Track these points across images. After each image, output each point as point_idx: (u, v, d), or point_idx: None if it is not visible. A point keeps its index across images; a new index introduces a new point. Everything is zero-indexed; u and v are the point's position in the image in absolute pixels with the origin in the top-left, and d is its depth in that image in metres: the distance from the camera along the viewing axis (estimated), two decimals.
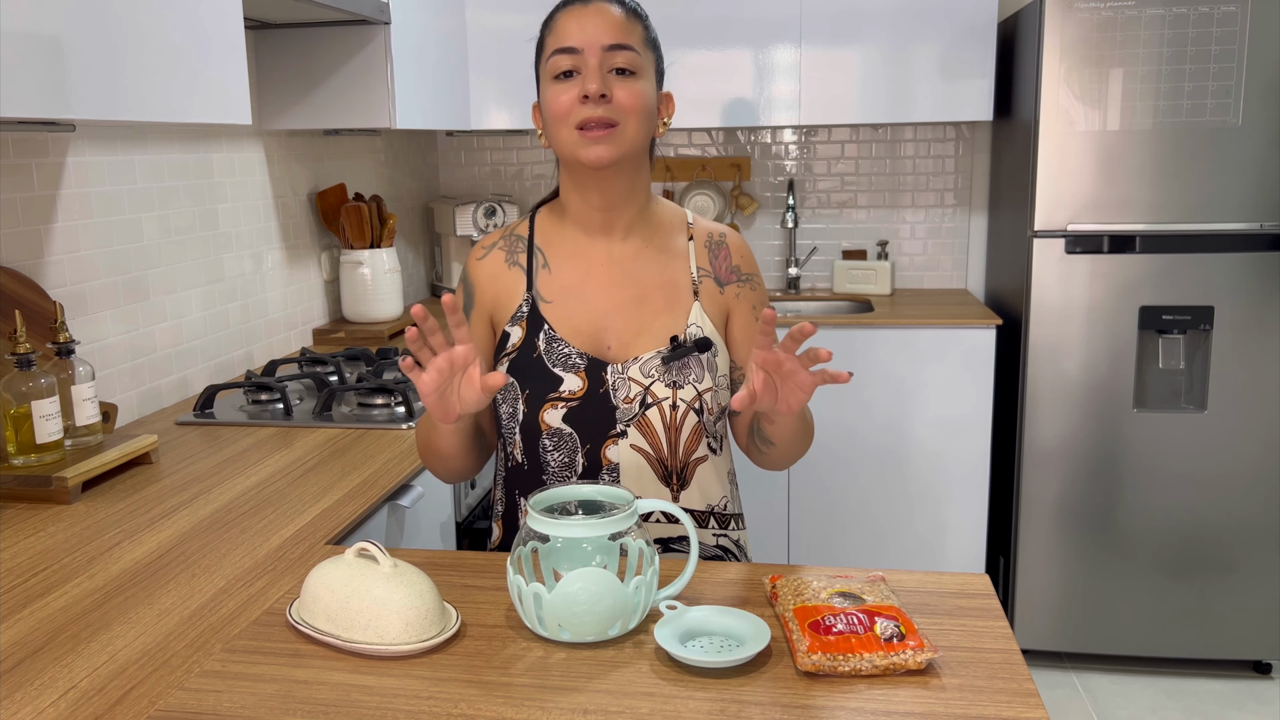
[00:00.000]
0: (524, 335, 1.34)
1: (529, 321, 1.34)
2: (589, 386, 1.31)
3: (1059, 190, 2.71)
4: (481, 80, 3.20)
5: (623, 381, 1.32)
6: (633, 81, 1.27)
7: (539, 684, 0.97)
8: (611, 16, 1.27)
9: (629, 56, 1.27)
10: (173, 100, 1.58)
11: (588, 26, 1.26)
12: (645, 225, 1.38)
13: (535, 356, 1.32)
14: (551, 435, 1.32)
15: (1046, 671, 2.91)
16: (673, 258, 1.38)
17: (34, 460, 1.55)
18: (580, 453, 1.32)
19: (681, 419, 1.32)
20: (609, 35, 1.26)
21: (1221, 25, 2.57)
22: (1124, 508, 2.81)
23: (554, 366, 1.32)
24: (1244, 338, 2.70)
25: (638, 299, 1.35)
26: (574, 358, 1.32)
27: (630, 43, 1.27)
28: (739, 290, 1.39)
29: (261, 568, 1.27)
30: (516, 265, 1.38)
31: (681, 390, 1.31)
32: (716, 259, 1.40)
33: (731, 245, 1.42)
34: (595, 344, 1.33)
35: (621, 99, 1.26)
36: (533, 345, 1.33)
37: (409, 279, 3.44)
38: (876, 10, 3.04)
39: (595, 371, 1.32)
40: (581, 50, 1.26)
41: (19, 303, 1.70)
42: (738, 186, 3.56)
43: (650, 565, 1.06)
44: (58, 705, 0.96)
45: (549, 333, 1.33)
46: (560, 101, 1.27)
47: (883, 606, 1.02)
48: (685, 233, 1.40)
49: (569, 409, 1.31)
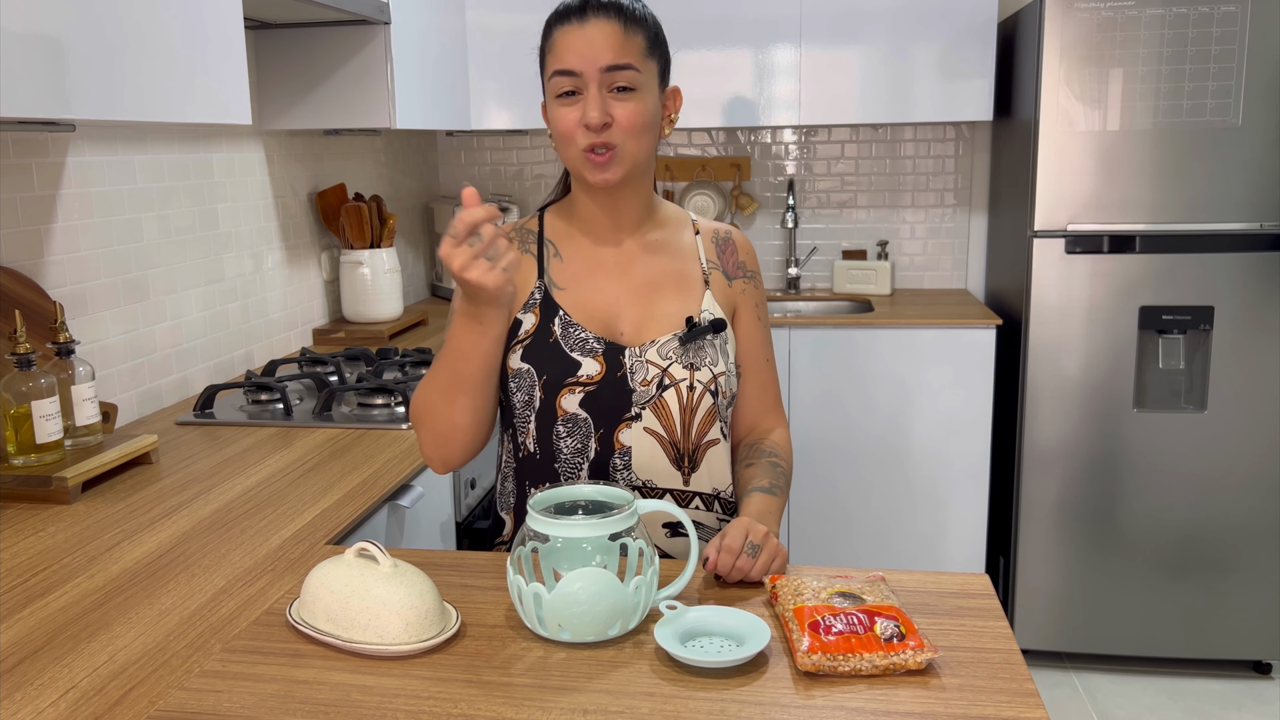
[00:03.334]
0: (538, 321, 1.34)
1: (542, 308, 1.35)
2: (607, 370, 1.32)
3: (1059, 190, 2.71)
4: (481, 80, 3.20)
5: (640, 364, 1.32)
6: (632, 99, 1.27)
7: (539, 684, 0.97)
8: (610, 34, 1.25)
9: (629, 76, 1.26)
10: (172, 100, 1.58)
11: (585, 48, 1.25)
12: (651, 222, 1.40)
13: (551, 342, 1.33)
14: (567, 421, 1.32)
15: (1046, 671, 2.91)
16: (681, 250, 1.40)
17: (34, 460, 1.55)
18: (594, 437, 1.32)
19: (698, 401, 1.33)
20: (608, 55, 1.25)
21: (1221, 25, 2.57)
22: (1124, 508, 2.81)
23: (571, 351, 1.32)
24: (1244, 338, 2.70)
25: (649, 286, 1.36)
26: (591, 342, 1.32)
27: (629, 60, 1.26)
28: (744, 286, 1.42)
29: (261, 568, 1.27)
30: (528, 253, 1.39)
31: (698, 372, 1.33)
32: (724, 254, 1.42)
33: (737, 242, 1.45)
34: (609, 329, 1.34)
35: (621, 120, 1.26)
36: (548, 331, 1.33)
37: (409, 279, 3.43)
38: (876, 10, 3.04)
39: (613, 355, 1.32)
40: (581, 73, 1.25)
41: (19, 303, 1.70)
42: (738, 186, 3.56)
43: (650, 565, 1.06)
44: (58, 705, 0.96)
45: (564, 318, 1.33)
46: (565, 123, 1.27)
47: (883, 606, 1.02)
48: (691, 229, 1.43)
49: (586, 394, 1.32)
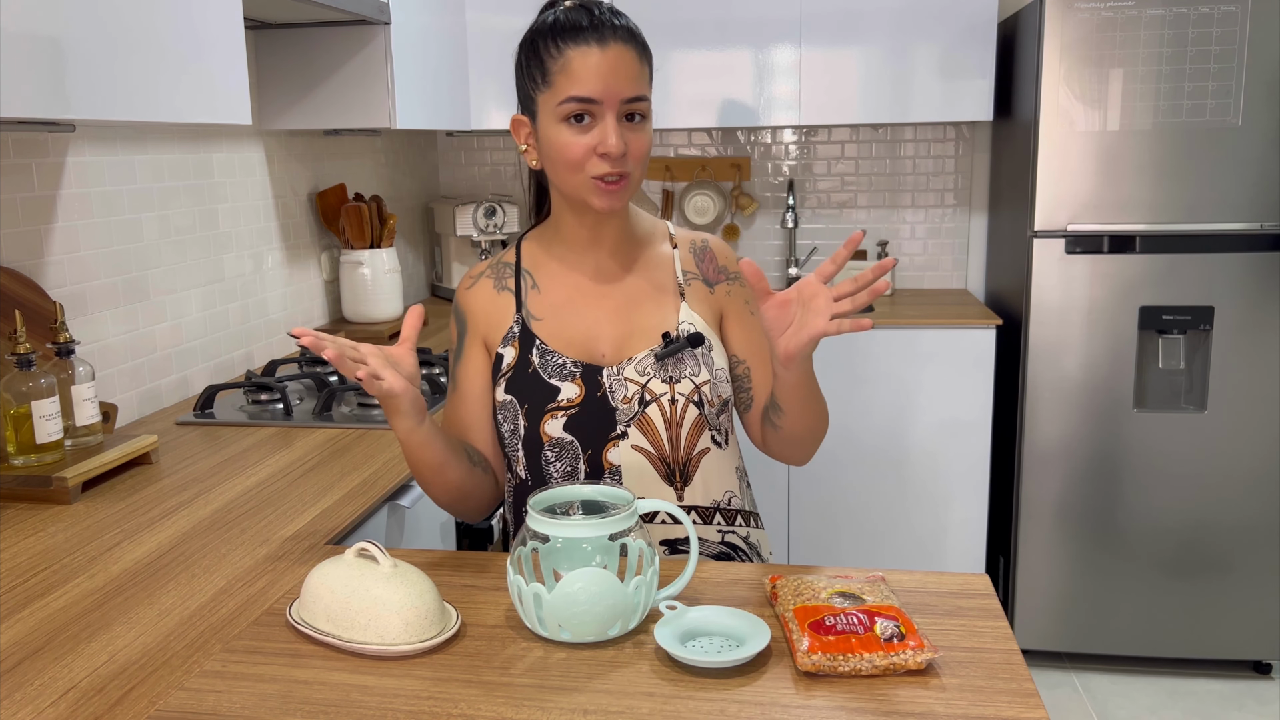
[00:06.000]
0: (517, 354, 1.34)
1: (520, 340, 1.35)
2: (586, 392, 1.32)
3: (1059, 190, 2.71)
4: (481, 80, 3.20)
5: (619, 383, 1.32)
6: (643, 129, 1.26)
7: (539, 684, 0.97)
8: (630, 64, 1.23)
9: (643, 108, 1.25)
10: (173, 100, 1.58)
11: (609, 76, 1.21)
12: (629, 238, 1.39)
13: (530, 371, 1.33)
14: (553, 446, 1.33)
15: (1046, 671, 2.91)
16: (658, 264, 1.39)
17: (34, 460, 1.55)
18: (582, 459, 1.32)
19: (682, 413, 1.32)
20: (630, 87, 1.23)
21: (1221, 25, 2.57)
22: (1124, 508, 2.81)
23: (549, 377, 1.32)
24: (1244, 338, 2.70)
25: (627, 304, 1.36)
26: (568, 366, 1.33)
27: (644, 91, 1.25)
28: (729, 288, 1.41)
29: (261, 568, 1.27)
30: (505, 289, 1.38)
31: (679, 384, 1.32)
32: (703, 262, 1.41)
33: (715, 249, 1.43)
34: (588, 352, 1.34)
35: (634, 149, 1.25)
36: (527, 362, 1.34)
37: (409, 279, 3.44)
38: (876, 10, 3.04)
39: (591, 377, 1.32)
40: (601, 102, 1.22)
41: (19, 303, 1.70)
42: (738, 186, 3.56)
43: (650, 565, 1.06)
44: (58, 705, 0.96)
45: (541, 347, 1.34)
46: (575, 150, 1.23)
47: (883, 606, 1.01)
48: (669, 241, 1.42)
49: (569, 417, 1.32)
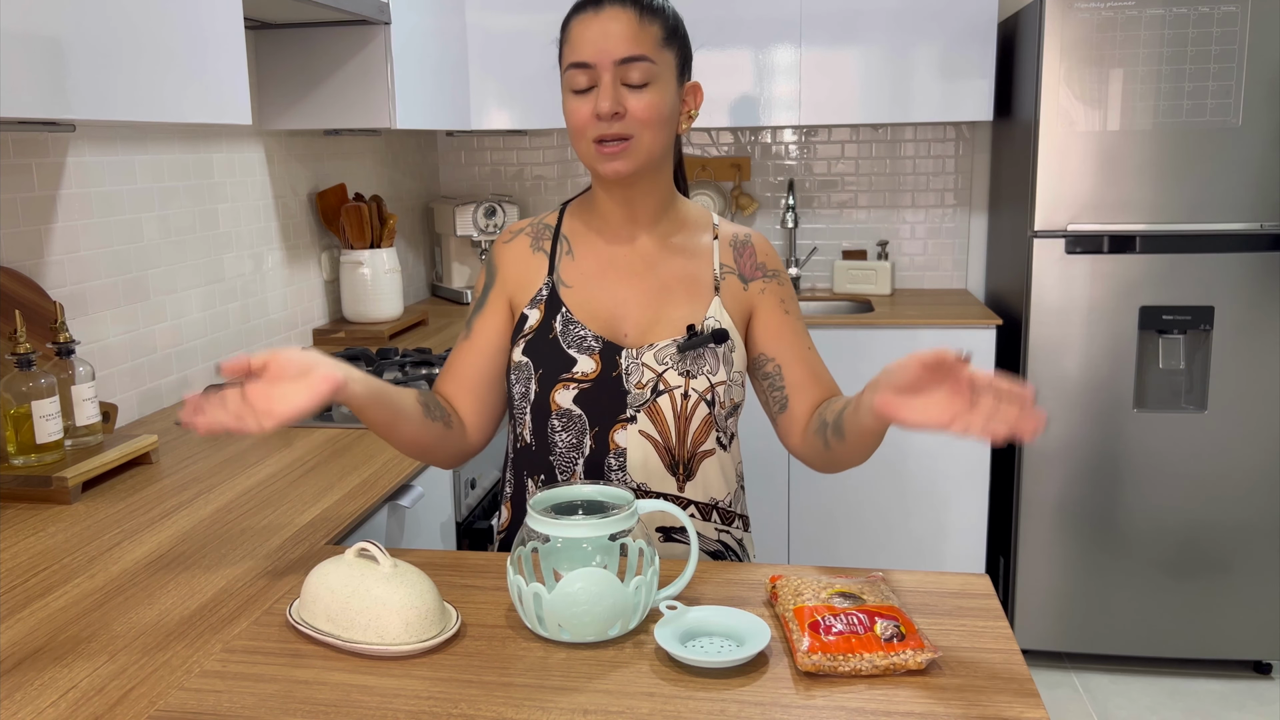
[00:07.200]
0: (541, 317, 1.35)
1: (547, 304, 1.35)
2: (602, 369, 1.32)
3: (1059, 190, 2.71)
4: (481, 80, 3.20)
5: (636, 367, 1.32)
6: (647, 92, 1.26)
7: (539, 684, 0.97)
8: (625, 25, 1.25)
9: (643, 69, 1.25)
10: (173, 100, 1.58)
11: (600, 39, 1.25)
12: (670, 222, 1.39)
13: (551, 338, 1.34)
14: (561, 416, 1.33)
15: (1046, 671, 2.91)
16: (696, 254, 1.39)
17: (34, 460, 1.55)
18: (588, 434, 1.33)
19: (692, 409, 1.32)
20: (622, 48, 1.24)
21: (1221, 25, 2.57)
22: (1124, 508, 2.81)
23: (569, 348, 1.33)
24: (1244, 338, 2.70)
25: (658, 289, 1.36)
26: (589, 340, 1.33)
27: (643, 52, 1.25)
28: (765, 285, 1.40)
29: (261, 568, 1.27)
30: (541, 250, 1.40)
31: (694, 380, 1.32)
32: (741, 257, 1.41)
33: (756, 245, 1.43)
34: (612, 329, 1.34)
35: (635, 111, 1.26)
36: (549, 327, 1.34)
37: (409, 279, 3.44)
38: (876, 10, 3.04)
39: (609, 355, 1.32)
40: (594, 65, 1.25)
41: (19, 303, 1.69)
42: (738, 186, 3.56)
43: (650, 565, 1.06)
44: (58, 705, 0.96)
45: (566, 315, 1.34)
46: (577, 116, 1.27)
47: (883, 607, 1.01)
48: (711, 232, 1.42)
49: (580, 390, 1.32)
